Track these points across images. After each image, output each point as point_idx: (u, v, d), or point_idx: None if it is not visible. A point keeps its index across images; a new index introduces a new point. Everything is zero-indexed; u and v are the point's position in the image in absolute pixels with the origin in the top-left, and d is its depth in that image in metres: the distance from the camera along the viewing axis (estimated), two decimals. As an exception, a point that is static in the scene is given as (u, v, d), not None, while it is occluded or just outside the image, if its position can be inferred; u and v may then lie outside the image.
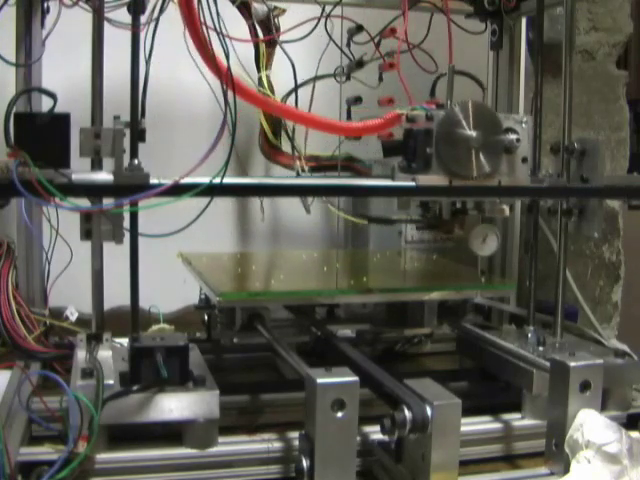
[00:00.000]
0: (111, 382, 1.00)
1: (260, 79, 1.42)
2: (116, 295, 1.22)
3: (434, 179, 1.12)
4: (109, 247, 1.13)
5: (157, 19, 1.13)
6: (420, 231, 1.80)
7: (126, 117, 1.10)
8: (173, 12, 1.15)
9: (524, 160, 1.18)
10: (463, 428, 0.96)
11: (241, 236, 1.81)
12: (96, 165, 1.09)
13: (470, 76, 1.36)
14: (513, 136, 1.14)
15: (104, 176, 1.04)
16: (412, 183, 1.13)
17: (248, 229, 1.81)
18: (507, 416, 1.18)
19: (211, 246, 1.71)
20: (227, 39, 1.02)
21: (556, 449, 1.02)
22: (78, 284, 1.29)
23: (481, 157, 1.13)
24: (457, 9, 1.58)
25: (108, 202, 1.03)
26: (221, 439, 1.04)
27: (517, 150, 1.16)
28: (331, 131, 1.22)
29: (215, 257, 1.59)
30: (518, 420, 1.18)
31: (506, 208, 1.23)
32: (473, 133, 1.12)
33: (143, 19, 1.12)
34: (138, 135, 1.10)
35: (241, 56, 1.34)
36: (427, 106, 1.15)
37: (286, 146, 1.49)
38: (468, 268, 1.59)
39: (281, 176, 1.54)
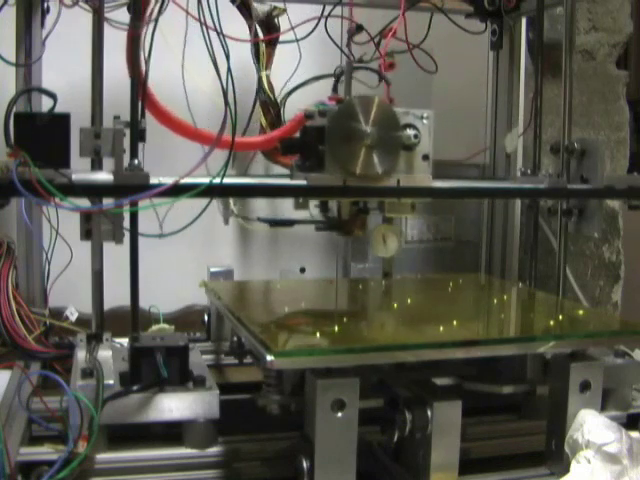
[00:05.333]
0: (111, 382, 1.00)
1: (260, 79, 1.42)
2: (116, 295, 1.22)
3: (327, 178, 1.08)
4: (109, 247, 1.13)
5: (156, 19, 1.13)
6: (419, 231, 1.81)
7: (126, 117, 1.10)
8: (173, 12, 1.15)
9: (425, 158, 1.13)
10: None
11: (240, 238, 1.80)
12: (96, 165, 1.09)
13: (371, 69, 1.34)
14: (411, 132, 1.10)
15: (104, 176, 1.04)
16: (303, 182, 1.09)
17: (247, 230, 1.81)
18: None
19: (210, 247, 1.72)
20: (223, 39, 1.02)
21: (556, 449, 1.02)
22: (78, 284, 1.29)
23: (377, 155, 1.08)
24: (457, 9, 1.58)
25: (108, 202, 1.03)
26: (221, 439, 1.04)
27: (417, 147, 1.11)
28: (244, 149, 1.20)
29: (244, 288, 1.48)
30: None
31: (409, 208, 1.17)
32: (367, 129, 1.06)
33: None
34: (138, 135, 1.10)
35: (241, 56, 1.35)
36: (329, 103, 1.12)
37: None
38: (574, 303, 1.46)
39: (281, 175, 1.53)
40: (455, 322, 1.11)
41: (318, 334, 1.03)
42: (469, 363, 1.09)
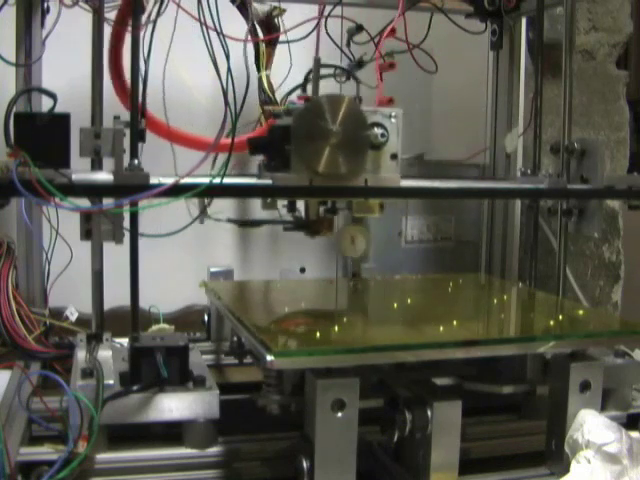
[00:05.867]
0: (111, 382, 1.00)
1: (260, 79, 1.42)
2: (116, 295, 1.22)
3: (292, 178, 1.06)
4: (109, 247, 1.13)
5: (155, 20, 1.13)
6: (419, 231, 1.81)
7: (126, 117, 1.10)
8: (173, 12, 1.16)
9: (393, 157, 1.11)
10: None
11: (240, 238, 1.80)
12: (96, 165, 1.09)
13: (337, 67, 1.33)
14: (379, 131, 1.09)
15: (104, 176, 1.04)
16: (268, 182, 1.07)
17: (247, 230, 1.81)
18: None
19: (210, 247, 1.71)
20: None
21: (556, 449, 1.02)
22: (78, 284, 1.29)
23: (344, 154, 1.06)
24: (457, 9, 1.58)
25: (108, 202, 1.03)
26: (221, 439, 1.04)
27: (385, 146, 1.10)
28: (219, 150, 1.20)
29: (244, 288, 1.46)
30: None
31: (377, 207, 1.16)
32: (333, 128, 1.04)
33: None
34: (138, 135, 1.10)
35: (241, 56, 1.35)
36: (298, 102, 1.10)
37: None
38: (574, 303, 1.45)
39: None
40: (455, 322, 1.11)
41: (318, 334, 1.03)
42: (469, 363, 1.09)
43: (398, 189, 1.14)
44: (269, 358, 0.89)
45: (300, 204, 1.23)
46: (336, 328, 1.09)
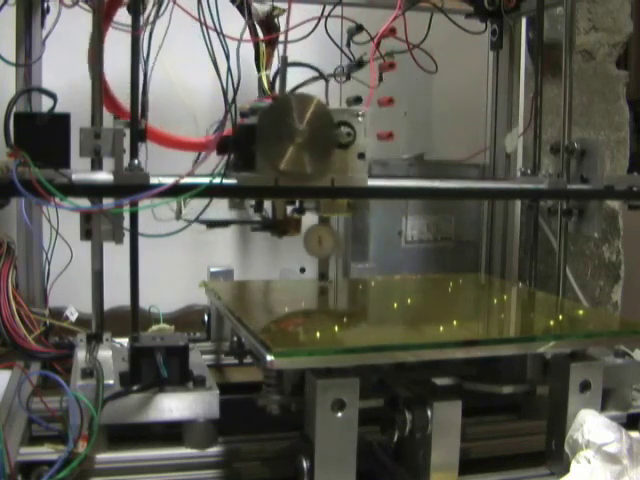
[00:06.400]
0: (111, 382, 1.00)
1: (260, 79, 1.42)
2: (116, 295, 1.22)
3: (257, 178, 1.05)
4: (109, 247, 1.13)
5: (154, 21, 1.13)
6: (419, 231, 1.81)
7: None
8: (174, 13, 1.16)
9: (361, 156, 1.10)
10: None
11: (240, 238, 1.80)
12: (96, 165, 1.09)
13: (309, 66, 1.33)
14: (345, 130, 1.07)
15: (104, 176, 1.04)
16: (233, 182, 1.05)
17: (247, 230, 1.81)
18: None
19: (210, 247, 1.71)
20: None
21: (556, 449, 1.02)
22: (78, 284, 1.29)
23: (309, 153, 1.04)
24: (457, 9, 1.58)
25: (108, 202, 1.03)
26: (221, 439, 1.04)
27: (352, 146, 1.08)
28: (189, 149, 1.20)
29: (244, 288, 1.45)
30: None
31: (345, 207, 1.15)
32: (298, 127, 1.03)
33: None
34: (138, 135, 1.10)
35: (241, 56, 1.35)
36: (265, 101, 1.09)
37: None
38: (574, 303, 1.45)
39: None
40: (455, 322, 1.11)
41: (318, 334, 1.03)
42: (469, 363, 1.09)
43: (365, 189, 1.13)
44: (269, 358, 0.88)
45: (268, 204, 1.22)
46: (336, 328, 1.08)
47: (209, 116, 1.27)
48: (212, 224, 1.19)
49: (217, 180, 1.02)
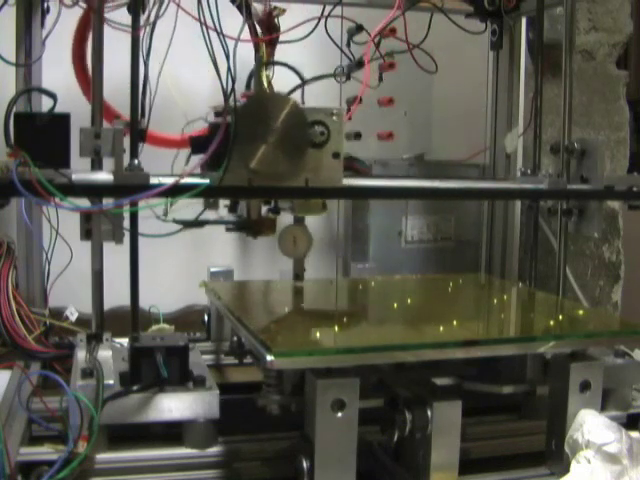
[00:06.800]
0: (111, 382, 1.00)
1: (260, 79, 1.42)
2: (116, 295, 1.22)
3: (230, 178, 1.03)
4: (109, 247, 1.13)
5: (154, 22, 1.13)
6: (419, 231, 1.81)
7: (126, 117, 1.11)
8: (173, 13, 1.15)
9: (336, 156, 1.08)
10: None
11: (240, 238, 1.80)
12: (96, 165, 1.09)
13: (287, 66, 1.33)
14: (318, 129, 1.06)
15: (104, 176, 1.04)
16: (205, 182, 1.03)
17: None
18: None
19: (210, 247, 1.71)
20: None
21: (556, 449, 1.02)
22: (78, 284, 1.29)
23: (283, 153, 1.03)
24: (457, 9, 1.58)
25: (108, 202, 1.03)
26: (221, 439, 1.04)
27: (326, 145, 1.07)
28: (164, 145, 1.19)
29: (244, 288, 1.45)
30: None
31: (320, 207, 1.14)
32: (272, 126, 1.03)
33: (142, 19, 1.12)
34: (138, 135, 1.10)
35: (241, 56, 1.35)
36: (241, 100, 1.08)
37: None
38: (574, 303, 1.45)
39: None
40: (455, 322, 1.11)
41: (318, 334, 1.04)
42: (469, 363, 1.09)
43: (339, 189, 1.11)
44: (269, 358, 0.88)
45: (243, 204, 1.22)
46: (336, 328, 1.08)
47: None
48: (187, 224, 1.18)
49: (189, 180, 1.01)
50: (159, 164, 1.13)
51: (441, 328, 1.07)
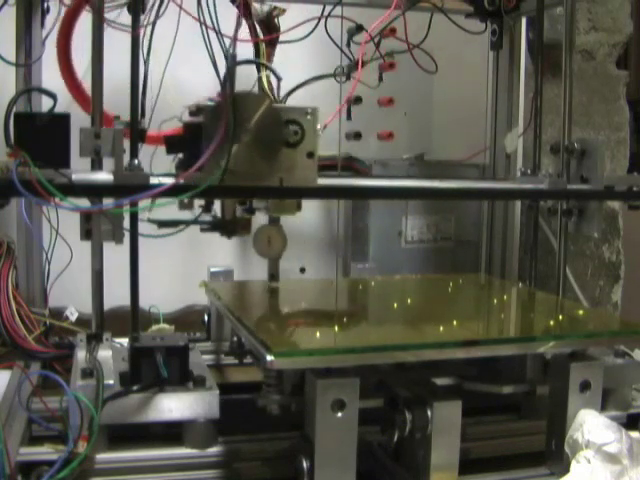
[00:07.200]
0: (111, 382, 1.00)
1: (260, 79, 1.42)
2: (116, 295, 1.22)
3: (203, 177, 1.02)
4: (109, 247, 1.13)
5: (154, 22, 1.13)
6: (419, 231, 1.81)
7: (126, 117, 1.10)
8: (174, 13, 1.16)
9: (310, 155, 1.07)
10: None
11: (240, 238, 1.80)
12: (96, 165, 1.09)
13: (257, 63, 1.32)
14: (292, 128, 1.05)
15: (104, 176, 1.04)
16: (179, 181, 1.02)
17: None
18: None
19: (210, 247, 1.71)
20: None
21: (556, 449, 1.02)
22: (78, 284, 1.29)
23: (256, 152, 1.03)
24: (457, 9, 1.59)
25: (108, 202, 1.03)
26: (221, 439, 1.04)
27: (301, 145, 1.06)
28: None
29: (244, 288, 1.45)
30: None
31: (295, 207, 1.13)
32: (245, 126, 1.02)
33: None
34: (138, 135, 1.10)
35: (241, 55, 1.35)
36: (216, 99, 1.07)
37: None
38: (574, 303, 1.45)
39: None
40: (455, 322, 1.11)
41: (318, 334, 1.04)
42: (469, 363, 1.09)
43: (313, 189, 1.10)
44: (269, 358, 0.88)
45: (217, 204, 1.21)
46: (336, 328, 1.08)
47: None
48: (162, 224, 1.18)
49: (166, 180, 1.01)
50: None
51: (441, 328, 1.08)
